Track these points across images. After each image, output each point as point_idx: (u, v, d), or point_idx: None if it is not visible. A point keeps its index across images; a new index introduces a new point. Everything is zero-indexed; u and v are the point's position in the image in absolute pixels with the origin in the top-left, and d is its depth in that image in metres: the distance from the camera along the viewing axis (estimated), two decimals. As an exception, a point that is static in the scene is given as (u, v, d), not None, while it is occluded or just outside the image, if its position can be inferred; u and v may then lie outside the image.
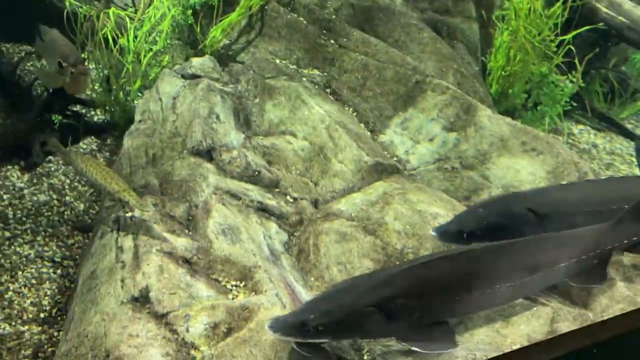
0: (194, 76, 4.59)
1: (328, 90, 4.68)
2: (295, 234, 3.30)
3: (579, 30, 4.74)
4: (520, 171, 3.77)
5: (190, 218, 3.16)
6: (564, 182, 3.60)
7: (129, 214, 3.17)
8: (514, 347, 2.83)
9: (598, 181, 3.68)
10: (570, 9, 4.77)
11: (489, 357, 2.69)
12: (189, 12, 4.99)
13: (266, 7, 5.05)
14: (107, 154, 4.60)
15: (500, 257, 2.81)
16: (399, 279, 2.63)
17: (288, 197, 3.48)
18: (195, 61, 4.77)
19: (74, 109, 5.00)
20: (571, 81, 4.92)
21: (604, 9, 5.13)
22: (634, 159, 5.04)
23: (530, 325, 3.01)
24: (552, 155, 3.76)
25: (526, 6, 4.40)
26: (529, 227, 3.01)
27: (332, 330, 2.47)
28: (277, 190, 3.51)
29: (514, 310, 2.97)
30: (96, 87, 4.87)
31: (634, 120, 5.73)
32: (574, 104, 4.99)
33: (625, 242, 3.05)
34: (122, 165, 3.85)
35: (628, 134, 5.42)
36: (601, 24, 4.99)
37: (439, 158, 4.12)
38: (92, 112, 5.13)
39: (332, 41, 4.99)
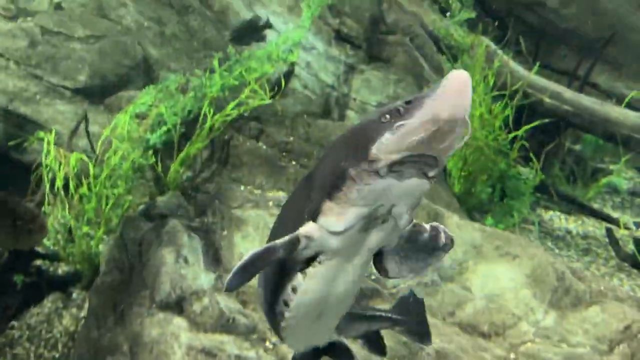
0: (159, 216, 4.51)
1: (295, 213, 4.65)
2: (279, 383, 3.11)
3: (529, 126, 4.90)
4: (500, 278, 3.71)
5: (163, 388, 2.95)
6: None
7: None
8: None
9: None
10: (517, 105, 4.97)
11: None
12: (150, 152, 4.98)
13: (226, 137, 5.11)
14: (74, 309, 4.38)
15: None
16: None
17: (267, 343, 3.31)
18: (160, 200, 4.72)
19: (37, 263, 4.82)
20: (533, 170, 5.01)
21: (548, 100, 5.36)
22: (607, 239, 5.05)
23: None
24: (528, 257, 3.72)
25: (477, 112, 4.55)
26: None
27: None
28: (254, 336, 3.34)
29: None
30: (59, 238, 4.73)
31: (600, 200, 5.82)
32: (539, 195, 5.06)
33: None
34: (90, 327, 3.66)
35: (597, 215, 5.47)
36: (547, 119, 5.17)
37: (416, 272, 4.04)
38: (56, 264, 4.96)
39: (294, 162, 5.04)
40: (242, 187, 4.96)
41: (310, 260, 1.92)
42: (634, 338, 3.35)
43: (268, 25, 5.35)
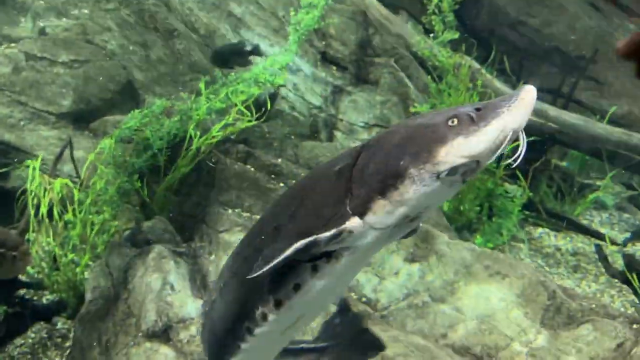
0: (145, 242, 4.44)
1: (284, 236, 4.60)
2: (269, 412, 3.03)
3: (515, 144, 4.90)
4: (491, 298, 3.68)
5: (149, 422, 2.86)
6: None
7: None
8: None
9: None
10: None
11: None
12: (135, 176, 4.93)
13: (213, 161, 5.06)
14: (59, 340, 4.27)
15: None
16: None
17: (256, 371, 3.23)
18: (146, 225, 4.65)
19: (21, 292, 4.71)
20: (521, 187, 5.02)
21: (533, 118, 5.39)
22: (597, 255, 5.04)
23: None
24: (518, 277, 3.70)
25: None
26: None
27: None
28: (243, 364, 3.26)
29: None
30: (43, 266, 4.64)
31: (588, 216, 5.84)
32: (527, 212, 5.06)
33: None
34: (75, 358, 3.57)
35: (585, 231, 5.48)
36: (533, 137, 5.20)
37: (407, 293, 3.99)
38: (40, 292, 4.85)
39: (282, 184, 5.00)
40: (230, 211, 4.90)
41: (320, 257, 1.82)
42: (627, 356, 3.32)
43: (257, 52, 5.33)
